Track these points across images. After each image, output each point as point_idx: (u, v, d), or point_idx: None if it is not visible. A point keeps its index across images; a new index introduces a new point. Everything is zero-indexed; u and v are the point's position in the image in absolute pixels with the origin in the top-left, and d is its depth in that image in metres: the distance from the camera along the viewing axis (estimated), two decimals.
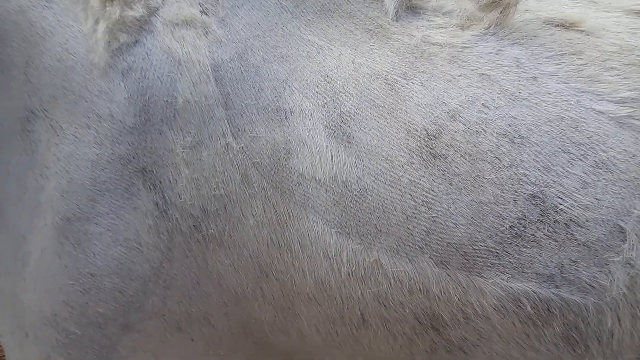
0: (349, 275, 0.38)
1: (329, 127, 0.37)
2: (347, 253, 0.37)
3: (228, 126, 0.37)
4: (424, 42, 0.40)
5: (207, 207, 0.38)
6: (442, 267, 0.36)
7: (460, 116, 0.36)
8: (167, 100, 0.37)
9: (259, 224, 0.38)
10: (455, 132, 0.35)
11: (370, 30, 0.41)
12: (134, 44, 0.38)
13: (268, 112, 0.37)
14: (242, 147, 0.37)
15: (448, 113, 0.36)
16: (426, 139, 0.35)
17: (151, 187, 0.38)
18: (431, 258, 0.35)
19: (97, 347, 0.40)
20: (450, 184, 0.34)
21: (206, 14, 0.40)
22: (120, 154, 0.38)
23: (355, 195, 0.36)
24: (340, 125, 0.37)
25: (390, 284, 0.37)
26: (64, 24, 0.39)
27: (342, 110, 0.37)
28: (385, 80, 0.37)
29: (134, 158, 0.38)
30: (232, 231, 0.38)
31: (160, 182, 0.38)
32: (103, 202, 0.38)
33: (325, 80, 0.38)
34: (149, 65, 0.37)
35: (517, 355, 0.40)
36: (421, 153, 0.35)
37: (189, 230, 0.38)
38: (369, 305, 0.39)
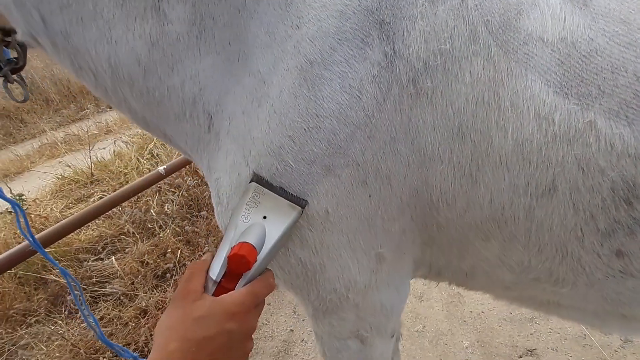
0: (555, 135, 0.40)
1: None
2: (560, 112, 0.39)
3: None
4: None
5: (430, 61, 0.42)
6: None
7: None
8: None
9: (474, 81, 0.41)
10: None
11: None
12: None
13: None
14: (476, 5, 0.40)
15: None
16: None
17: (384, 38, 0.43)
18: None
19: (302, 181, 0.47)
20: None
21: None
22: (366, 5, 0.43)
23: (584, 56, 0.38)
24: None
25: (599, 147, 0.39)
26: None
27: None
28: None
29: (376, 10, 0.43)
30: (444, 88, 0.43)
31: (394, 33, 0.43)
32: (340, 50, 0.44)
33: None
34: None
35: None
36: None
37: (406, 83, 0.43)
38: (565, 171, 0.41)
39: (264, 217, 0.46)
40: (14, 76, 0.63)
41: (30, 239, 0.87)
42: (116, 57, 0.49)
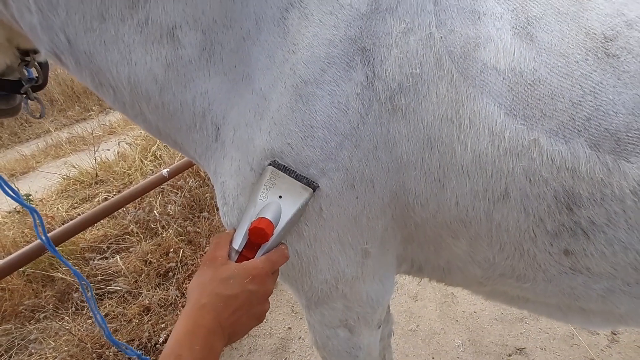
0: (506, 150, 0.47)
1: (515, 27, 0.46)
2: (510, 131, 0.46)
3: (434, 19, 0.48)
4: None
5: (403, 82, 0.49)
6: (594, 150, 0.43)
7: (636, 25, 0.42)
8: None
9: (439, 101, 0.48)
10: (630, 37, 0.42)
11: None
12: None
13: (465, 12, 0.47)
14: (441, 37, 0.47)
15: (626, 22, 0.43)
16: (603, 41, 0.43)
17: (366, 62, 0.49)
18: (586, 141, 0.44)
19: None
20: (619, 79, 0.42)
21: None
22: (350, 35, 0.50)
23: (529, 84, 0.45)
24: (526, 27, 0.45)
25: (542, 161, 0.46)
26: None
27: (529, 14, 0.45)
28: None
29: (359, 39, 0.49)
30: (416, 105, 0.49)
31: (374, 59, 0.49)
32: (330, 72, 0.50)
33: None
34: None
35: (638, 246, 0.47)
36: (596, 52, 0.43)
37: (385, 100, 0.50)
38: (515, 180, 0.48)
39: (280, 197, 0.52)
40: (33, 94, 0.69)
41: (46, 243, 0.92)
42: (135, 76, 0.55)
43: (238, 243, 0.51)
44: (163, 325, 1.76)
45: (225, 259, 0.50)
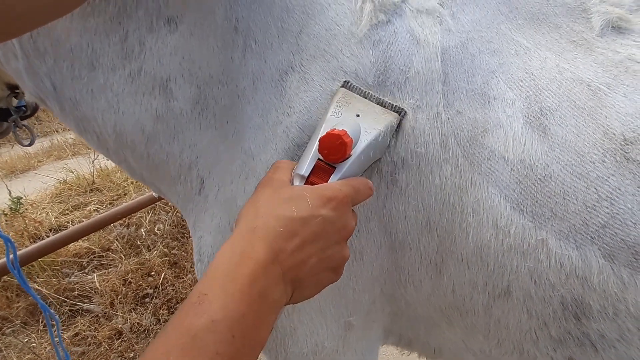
0: (510, 246, 0.43)
1: (527, 116, 0.42)
2: (515, 227, 0.42)
3: (442, 99, 0.45)
4: (629, 59, 0.43)
5: (407, 159, 0.45)
6: (609, 260, 0.39)
7: None
8: (402, 69, 0.46)
9: (442, 184, 0.45)
10: None
11: (574, 41, 0.46)
12: (387, 22, 0.48)
13: (475, 94, 0.44)
14: (448, 118, 0.44)
15: None
16: (622, 143, 0.39)
17: None
18: (600, 250, 0.39)
19: None
20: (639, 187, 0.38)
21: (442, 7, 0.49)
22: None
23: (539, 179, 0.41)
24: (539, 117, 0.42)
25: (550, 264, 0.41)
26: (338, 2, 0.50)
27: (543, 105, 0.42)
28: (587, 86, 0.42)
29: None
30: (417, 185, 0.46)
31: None
32: None
33: (530, 77, 0.44)
34: (395, 40, 0.47)
35: None
36: (615, 155, 0.39)
37: (385, 173, 0.46)
38: (519, 279, 0.43)
39: (357, 115, 0.42)
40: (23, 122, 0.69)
41: (17, 274, 0.85)
42: (122, 125, 0.52)
43: (304, 167, 0.37)
44: (132, 354, 1.66)
45: (287, 182, 0.37)
